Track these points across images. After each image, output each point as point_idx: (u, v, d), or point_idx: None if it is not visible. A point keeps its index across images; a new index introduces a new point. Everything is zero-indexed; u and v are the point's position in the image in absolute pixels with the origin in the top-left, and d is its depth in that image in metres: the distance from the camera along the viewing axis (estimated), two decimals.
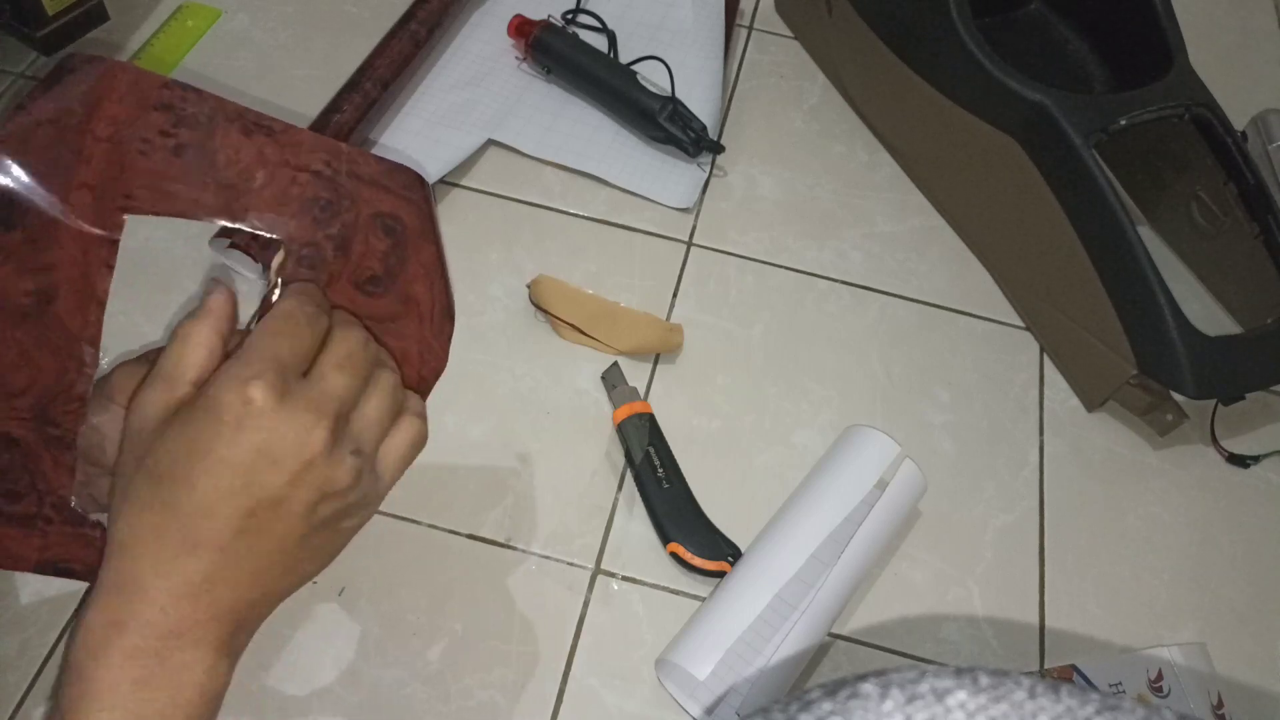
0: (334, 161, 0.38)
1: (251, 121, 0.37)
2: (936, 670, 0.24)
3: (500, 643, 0.53)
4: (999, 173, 0.66)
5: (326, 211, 0.38)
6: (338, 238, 0.38)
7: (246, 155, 0.36)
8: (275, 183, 0.37)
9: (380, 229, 0.39)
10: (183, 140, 0.36)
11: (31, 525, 0.39)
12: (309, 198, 0.37)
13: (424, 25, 0.74)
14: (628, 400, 0.60)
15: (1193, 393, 0.57)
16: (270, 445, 0.33)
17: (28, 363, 0.36)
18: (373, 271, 0.39)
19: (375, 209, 0.39)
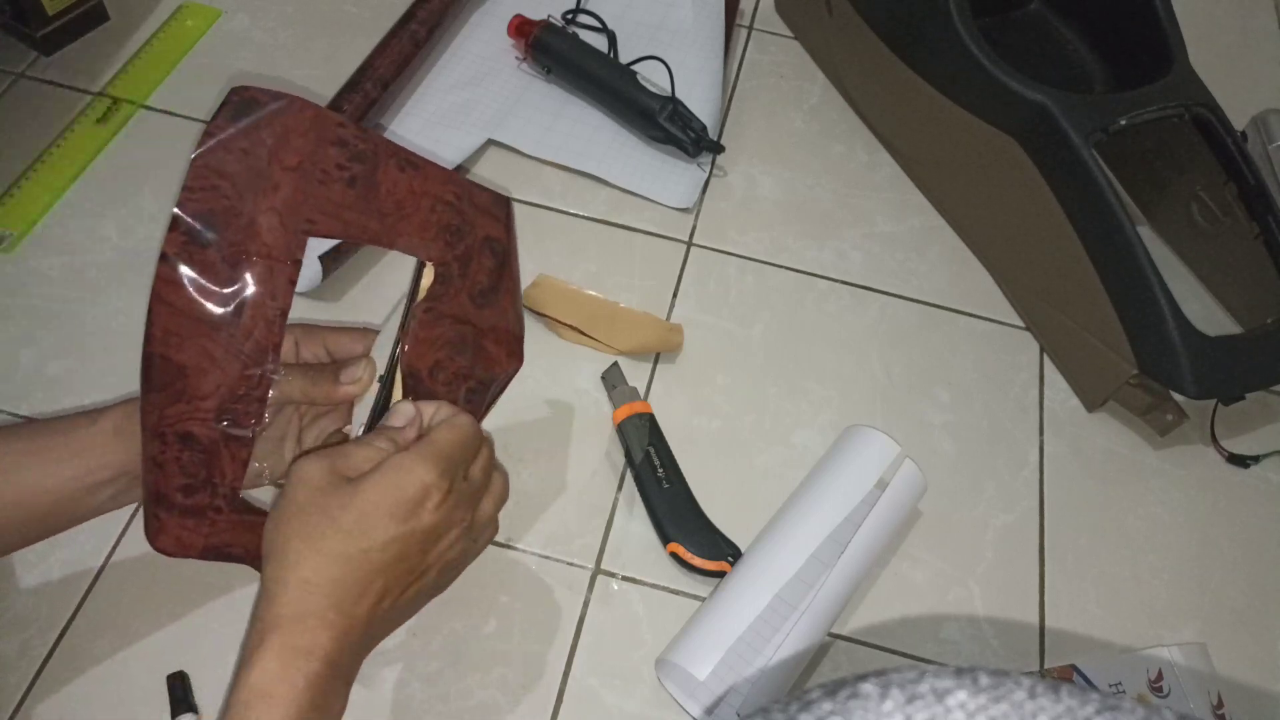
0: (459, 192, 0.45)
1: (405, 159, 0.43)
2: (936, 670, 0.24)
3: (500, 643, 0.53)
4: (999, 173, 0.66)
5: (455, 236, 0.45)
6: (462, 258, 0.45)
7: (402, 188, 0.42)
8: (419, 212, 0.43)
9: (489, 250, 0.47)
10: (355, 173, 0.41)
11: (202, 515, 0.43)
12: (443, 224, 0.44)
13: (424, 25, 0.74)
14: (628, 400, 0.60)
15: (1193, 393, 0.57)
16: (440, 526, 0.42)
17: (216, 368, 0.40)
18: (482, 285, 0.47)
19: (486, 233, 0.46)
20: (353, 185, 0.41)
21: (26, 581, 0.53)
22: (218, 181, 0.38)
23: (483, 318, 0.47)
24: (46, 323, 0.62)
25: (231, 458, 0.42)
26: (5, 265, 0.65)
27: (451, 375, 0.48)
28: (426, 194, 0.43)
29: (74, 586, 0.53)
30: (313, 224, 0.40)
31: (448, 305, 0.46)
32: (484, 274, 0.47)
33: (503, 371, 0.50)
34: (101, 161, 0.70)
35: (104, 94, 0.74)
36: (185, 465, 0.42)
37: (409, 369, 0.46)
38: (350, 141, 0.41)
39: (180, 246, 0.38)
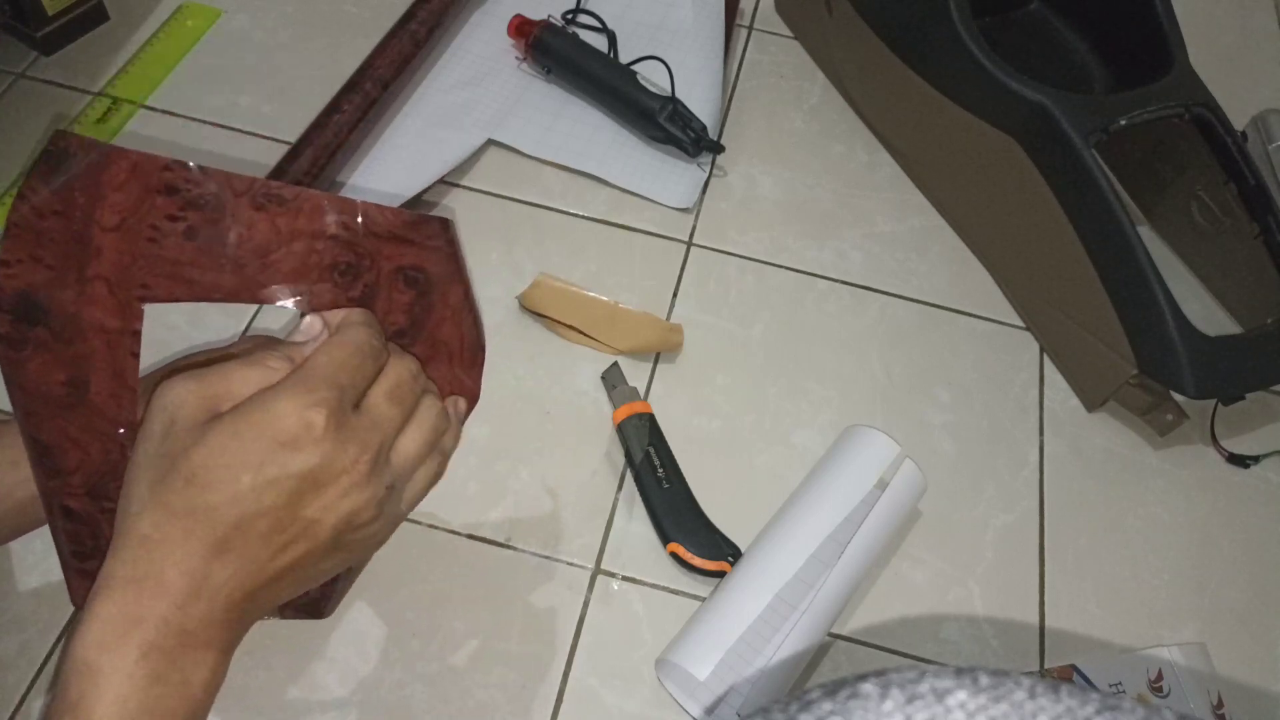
0: (350, 222, 0.36)
1: (261, 194, 0.35)
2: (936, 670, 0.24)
3: (500, 643, 0.53)
4: (999, 173, 0.66)
5: (347, 275, 0.37)
6: (361, 299, 0.38)
7: (260, 231, 0.35)
8: (293, 255, 0.36)
9: (403, 282, 0.38)
10: (193, 223, 0.35)
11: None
12: (328, 264, 0.37)
13: (424, 25, 0.74)
14: (628, 400, 0.60)
15: (1193, 393, 0.57)
16: (318, 471, 0.34)
17: (75, 446, 0.37)
18: (398, 325, 0.39)
19: (397, 264, 0.38)
20: (192, 237, 0.34)
21: (26, 582, 0.53)
22: (38, 252, 0.34)
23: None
24: None
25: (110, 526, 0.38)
26: None
27: None
28: (298, 232, 0.35)
29: None
30: (147, 289, 0.35)
31: None
32: (399, 312, 0.39)
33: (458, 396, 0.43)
34: None
35: (104, 94, 0.74)
36: (72, 535, 0.39)
37: None
38: (181, 187, 0.34)
39: (10, 327, 0.35)
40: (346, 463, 0.35)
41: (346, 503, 0.35)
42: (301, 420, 0.33)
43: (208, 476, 0.33)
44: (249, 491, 0.33)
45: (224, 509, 0.33)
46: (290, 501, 0.34)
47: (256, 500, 0.33)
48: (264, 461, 0.33)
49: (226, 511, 0.33)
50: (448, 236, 0.39)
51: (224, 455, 0.33)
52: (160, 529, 0.33)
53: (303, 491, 0.34)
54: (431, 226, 0.38)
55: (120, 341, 0.35)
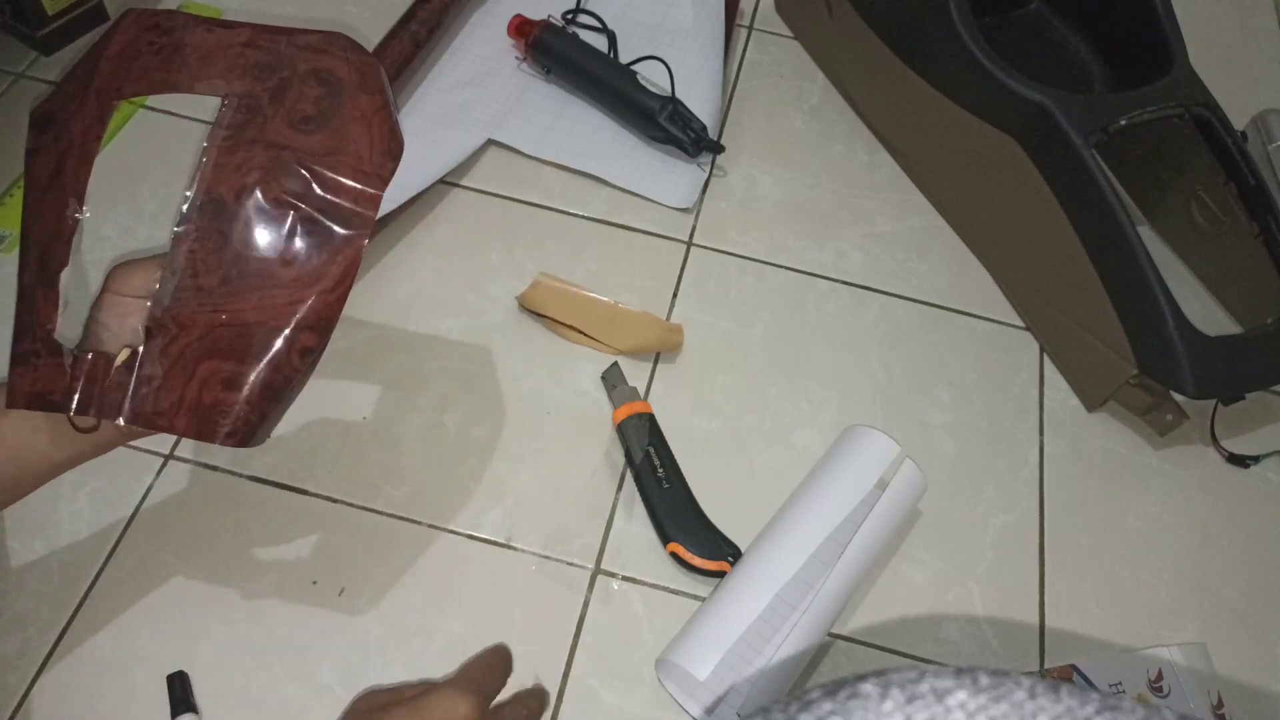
0: (275, 36, 0.47)
1: (214, 23, 0.47)
2: (936, 670, 0.24)
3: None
4: (999, 173, 0.66)
5: (265, 71, 0.46)
6: (274, 89, 0.46)
7: (207, 44, 0.47)
8: (225, 58, 0.47)
9: (315, 80, 0.47)
10: (162, 44, 0.46)
11: (28, 362, 0.45)
12: (251, 64, 0.47)
13: (424, 25, 0.74)
14: (628, 400, 0.60)
15: (1193, 393, 0.57)
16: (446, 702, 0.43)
17: (38, 221, 0.45)
18: (305, 113, 0.46)
19: (311, 66, 0.47)
20: (159, 53, 0.46)
21: (26, 582, 0.53)
22: (66, 87, 0.46)
23: (310, 143, 0.45)
24: None
25: (44, 298, 0.45)
26: (5, 265, 0.65)
27: (272, 200, 0.44)
28: (233, 44, 0.47)
29: (74, 586, 0.53)
30: (120, 90, 0.46)
31: (255, 132, 0.45)
32: (308, 102, 0.46)
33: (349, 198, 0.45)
34: (101, 161, 0.70)
35: None
36: (19, 317, 0.45)
37: (209, 195, 0.44)
38: (164, 23, 0.47)
39: (33, 140, 0.46)
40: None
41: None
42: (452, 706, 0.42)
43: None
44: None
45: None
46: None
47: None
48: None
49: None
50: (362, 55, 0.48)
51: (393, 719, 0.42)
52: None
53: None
54: (346, 41, 0.48)
55: (94, 129, 0.46)
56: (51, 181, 0.45)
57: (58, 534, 0.55)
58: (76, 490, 0.56)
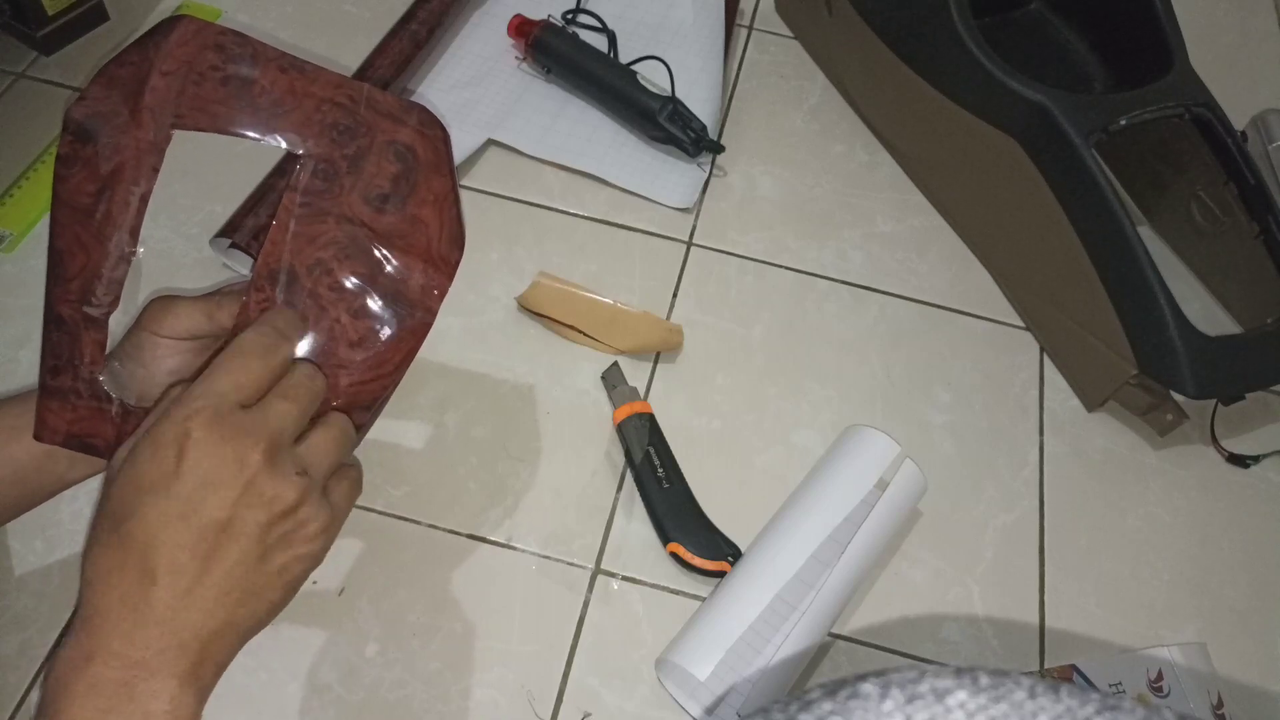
0: (355, 96, 0.44)
1: (288, 62, 0.43)
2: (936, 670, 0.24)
3: (500, 643, 0.53)
4: (999, 173, 0.66)
5: (345, 135, 0.44)
6: (352, 157, 0.44)
7: (279, 87, 0.43)
8: (301, 109, 0.43)
9: (393, 155, 0.45)
10: (229, 73, 0.43)
11: (66, 398, 0.43)
12: (330, 123, 0.44)
13: (424, 25, 0.74)
14: (628, 400, 0.60)
15: (1193, 393, 0.57)
16: (209, 472, 0.36)
17: (82, 250, 0.42)
18: (382, 190, 0.45)
19: (390, 138, 0.45)
20: (226, 84, 0.42)
21: (27, 582, 0.53)
22: (108, 91, 0.42)
23: (384, 224, 0.44)
24: None
25: (91, 340, 0.43)
26: (5, 265, 0.65)
27: (338, 283, 0.44)
28: (311, 95, 0.43)
29: (74, 586, 0.53)
30: (180, 118, 0.42)
31: (331, 203, 0.44)
32: (384, 178, 0.44)
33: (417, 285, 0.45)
34: None
35: None
36: (54, 346, 0.43)
37: (281, 264, 0.44)
38: (229, 46, 0.43)
39: (69, 146, 0.42)
40: (237, 456, 0.36)
41: (255, 494, 0.36)
42: (179, 431, 0.36)
43: (121, 508, 0.36)
44: (150, 510, 0.35)
45: (137, 533, 0.35)
46: (192, 508, 0.35)
47: (159, 516, 0.35)
48: (155, 480, 0.35)
49: (139, 534, 0.35)
50: (439, 132, 0.46)
51: (127, 485, 0.36)
52: (96, 568, 0.35)
53: (200, 496, 0.35)
54: (425, 114, 0.46)
55: (148, 157, 0.42)
56: (94, 205, 0.42)
57: (58, 534, 0.55)
58: (77, 490, 0.56)
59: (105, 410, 0.44)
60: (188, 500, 0.35)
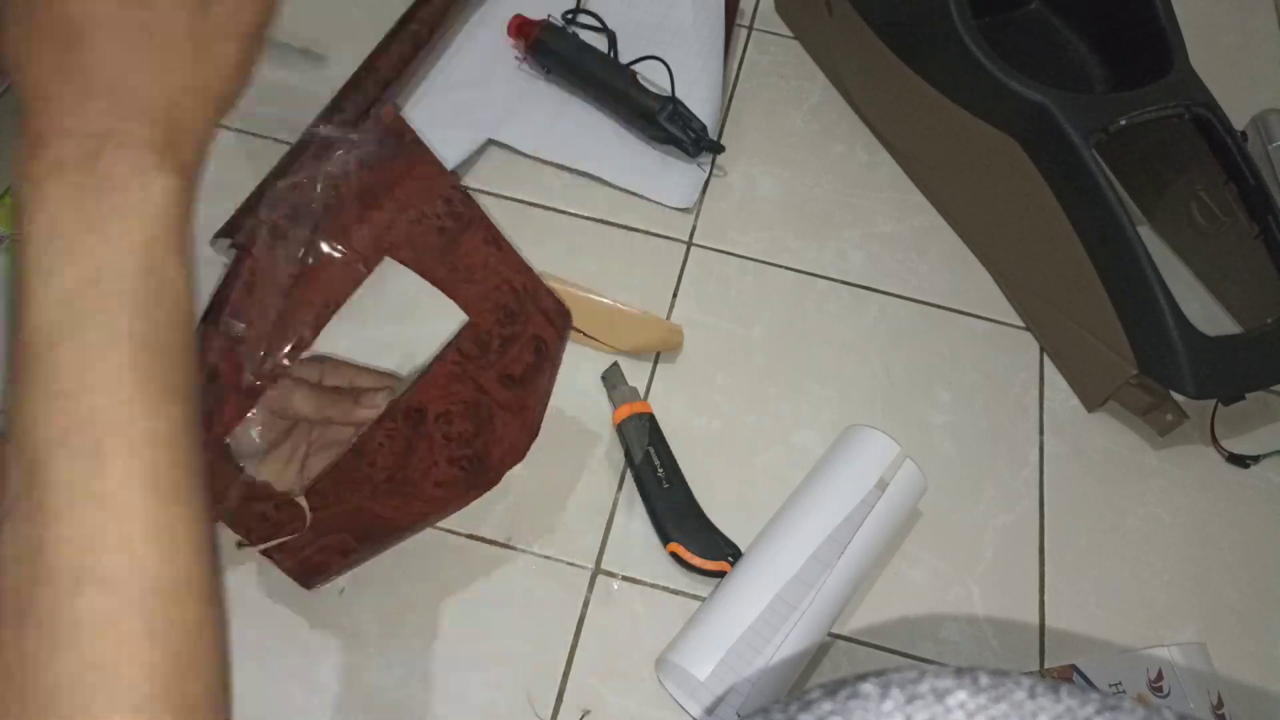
0: (528, 285, 0.50)
1: (492, 235, 0.48)
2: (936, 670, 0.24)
3: (500, 643, 0.53)
4: (999, 173, 0.66)
5: (508, 318, 0.49)
6: (506, 339, 0.49)
7: (477, 256, 0.48)
8: (486, 283, 0.48)
9: (533, 348, 0.51)
10: (445, 226, 0.47)
11: None
12: (501, 303, 0.49)
13: (424, 25, 0.74)
14: (628, 400, 0.60)
15: (1193, 393, 0.57)
16: None
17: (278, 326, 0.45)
18: (514, 374, 0.50)
19: (537, 331, 0.50)
20: (440, 235, 0.47)
21: None
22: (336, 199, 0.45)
23: (504, 398, 0.51)
24: None
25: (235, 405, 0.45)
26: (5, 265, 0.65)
27: (453, 434, 0.50)
28: (498, 273, 0.49)
29: None
30: (395, 249, 0.46)
31: (475, 370, 0.49)
32: (520, 365, 0.50)
33: (500, 456, 0.52)
34: None
35: None
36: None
37: (418, 405, 0.49)
38: (455, 202, 0.47)
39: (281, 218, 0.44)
40: None
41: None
42: None
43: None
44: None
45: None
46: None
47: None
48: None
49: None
50: (567, 328, 0.52)
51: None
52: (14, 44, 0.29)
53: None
54: (567, 319, 0.52)
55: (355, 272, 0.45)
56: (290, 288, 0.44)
57: None
58: None
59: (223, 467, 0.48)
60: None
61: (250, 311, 0.44)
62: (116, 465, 0.28)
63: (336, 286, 0.45)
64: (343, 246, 0.45)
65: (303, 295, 0.45)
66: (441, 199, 0.47)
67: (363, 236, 0.45)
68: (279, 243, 0.44)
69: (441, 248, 0.47)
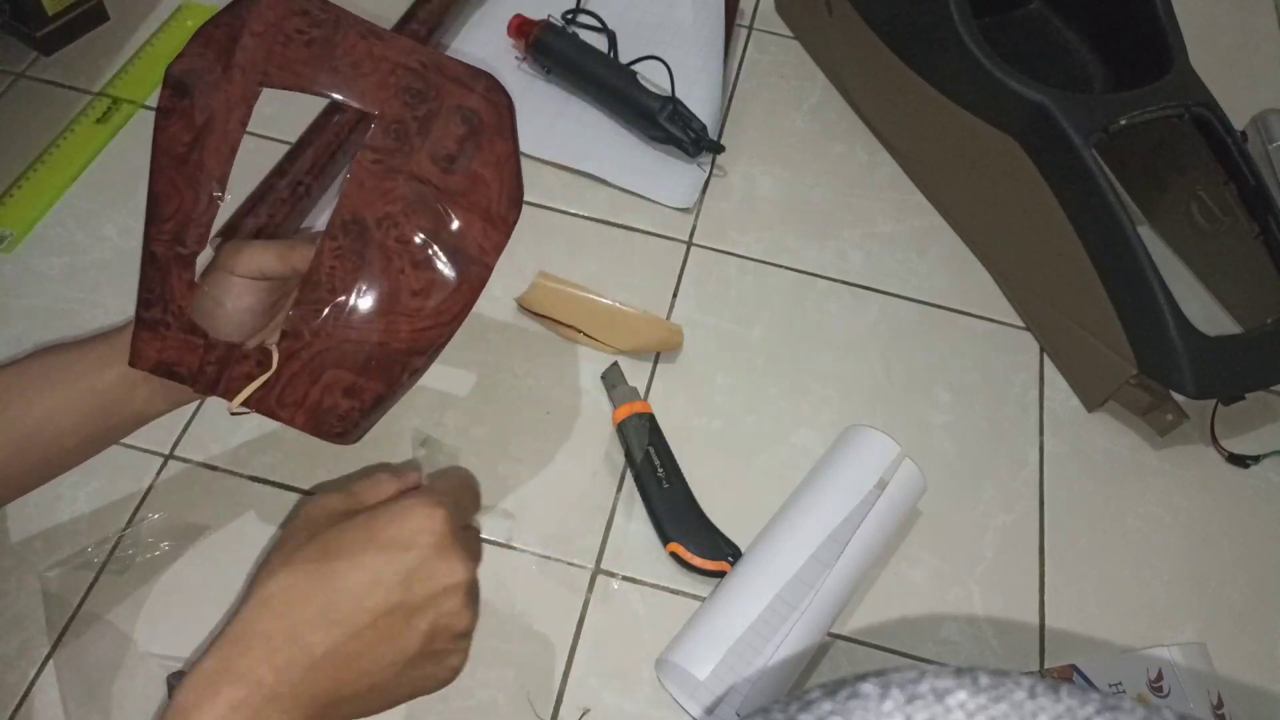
0: (427, 62, 0.48)
1: (368, 29, 0.47)
2: (936, 670, 0.24)
3: (500, 643, 0.53)
4: (999, 173, 0.66)
5: (416, 98, 0.47)
6: (422, 119, 0.47)
7: (359, 51, 0.47)
8: (378, 72, 0.47)
9: (459, 118, 0.48)
10: (313, 36, 0.46)
11: (156, 329, 0.47)
12: (403, 86, 0.47)
13: (424, 25, 0.74)
14: (628, 400, 0.60)
15: (1193, 393, 0.57)
16: (432, 563, 0.38)
17: (176, 194, 0.46)
18: (448, 151, 0.48)
19: (458, 102, 0.48)
20: (310, 46, 0.46)
21: (27, 581, 0.53)
22: (203, 49, 0.46)
23: (449, 182, 0.48)
24: (46, 323, 0.62)
25: (179, 277, 0.47)
26: (5, 265, 0.65)
27: (406, 236, 0.48)
28: (386, 59, 0.47)
29: (74, 586, 0.53)
30: (267, 76, 0.46)
31: (402, 161, 0.47)
32: (451, 140, 0.48)
33: (476, 241, 0.49)
34: (101, 161, 0.70)
35: (104, 94, 0.74)
36: (148, 281, 0.47)
37: (354, 215, 0.47)
38: (313, 12, 0.47)
39: (167, 100, 0.46)
40: (455, 566, 0.38)
41: (445, 604, 0.38)
42: (428, 514, 0.38)
43: (338, 548, 0.37)
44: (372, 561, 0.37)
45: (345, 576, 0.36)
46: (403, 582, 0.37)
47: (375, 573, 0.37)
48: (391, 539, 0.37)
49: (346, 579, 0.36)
50: (503, 99, 0.49)
51: (359, 533, 0.38)
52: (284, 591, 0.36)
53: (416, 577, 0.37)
54: (491, 81, 0.49)
55: (237, 110, 0.46)
56: (189, 154, 0.46)
57: (58, 534, 0.55)
58: (76, 490, 0.56)
59: (191, 341, 0.48)
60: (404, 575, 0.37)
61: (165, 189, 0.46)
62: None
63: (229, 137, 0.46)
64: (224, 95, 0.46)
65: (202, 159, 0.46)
66: (298, 15, 0.46)
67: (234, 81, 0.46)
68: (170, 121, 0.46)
69: (315, 56, 0.46)
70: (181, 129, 0.46)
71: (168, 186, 0.46)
